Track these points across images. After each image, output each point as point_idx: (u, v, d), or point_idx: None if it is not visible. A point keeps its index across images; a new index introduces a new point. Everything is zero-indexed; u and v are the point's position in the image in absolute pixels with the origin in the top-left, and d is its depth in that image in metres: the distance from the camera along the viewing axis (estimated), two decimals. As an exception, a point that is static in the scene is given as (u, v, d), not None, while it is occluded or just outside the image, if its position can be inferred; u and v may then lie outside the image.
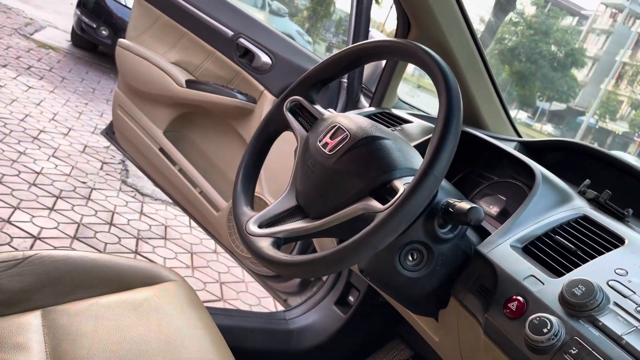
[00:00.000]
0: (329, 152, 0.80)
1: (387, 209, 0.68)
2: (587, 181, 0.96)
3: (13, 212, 2.11)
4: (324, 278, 1.54)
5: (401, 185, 0.73)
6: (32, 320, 0.85)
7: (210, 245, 2.55)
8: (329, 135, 0.82)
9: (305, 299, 1.54)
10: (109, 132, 2.04)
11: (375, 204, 0.72)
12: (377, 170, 0.76)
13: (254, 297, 2.25)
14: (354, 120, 0.83)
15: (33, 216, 2.14)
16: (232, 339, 1.00)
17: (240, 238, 0.82)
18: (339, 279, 1.48)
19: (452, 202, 0.76)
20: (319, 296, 1.50)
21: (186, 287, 1.02)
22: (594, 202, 0.92)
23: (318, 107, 0.90)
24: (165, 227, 2.54)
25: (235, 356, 0.91)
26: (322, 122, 0.86)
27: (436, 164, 0.67)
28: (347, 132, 0.80)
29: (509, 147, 1.05)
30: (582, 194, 0.95)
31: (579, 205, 0.88)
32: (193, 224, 2.62)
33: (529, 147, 1.19)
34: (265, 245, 0.78)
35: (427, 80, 1.16)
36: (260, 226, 0.82)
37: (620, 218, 0.88)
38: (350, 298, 1.46)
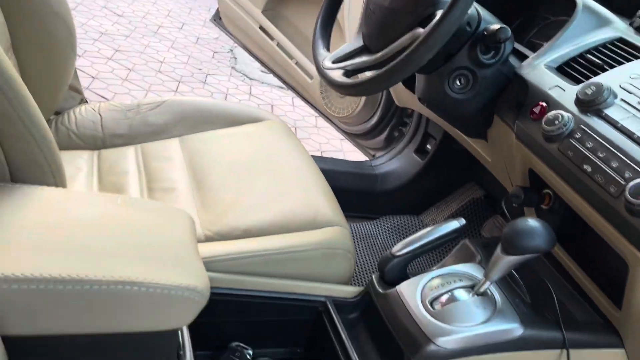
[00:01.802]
0: (385, -7, 0.96)
1: (426, 31, 0.85)
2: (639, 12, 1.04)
3: (146, 94, 2.50)
4: (407, 133, 1.73)
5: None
6: (173, 144, 1.15)
7: (311, 121, 2.83)
8: (385, -21, 0.98)
9: (389, 151, 1.76)
10: (216, 18, 2.30)
11: (420, 30, 0.90)
12: (424, 5, 0.92)
13: (351, 163, 2.52)
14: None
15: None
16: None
17: (318, 72, 1.04)
18: (418, 129, 1.67)
19: (488, 27, 0.91)
20: (400, 146, 1.71)
21: (284, 125, 1.27)
22: (638, 30, 1.01)
23: None
24: (272, 105, 2.83)
25: None
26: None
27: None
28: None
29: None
30: (631, 24, 1.03)
31: (619, 29, 0.98)
32: (296, 102, 2.89)
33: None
34: (337, 74, 1.00)
35: None
36: (333, 62, 1.03)
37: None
38: (428, 146, 1.66)
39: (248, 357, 0.83)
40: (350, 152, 2.66)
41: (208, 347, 0.82)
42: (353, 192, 1.65)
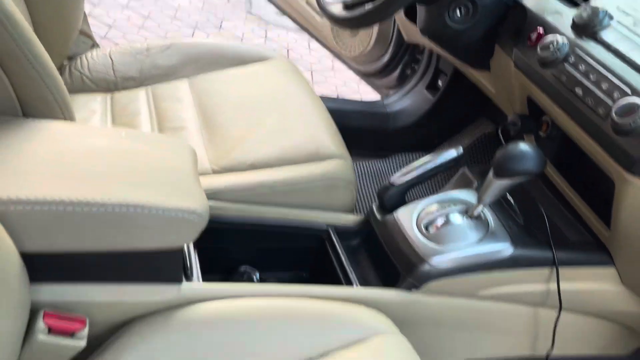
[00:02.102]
0: None
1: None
2: None
3: (162, 41, 2.53)
4: (419, 70, 1.73)
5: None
6: (182, 85, 1.19)
7: (327, 63, 2.82)
8: None
9: (401, 89, 1.76)
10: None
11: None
12: None
13: (367, 104, 2.53)
14: None
15: (178, 44, 2.55)
16: (334, 118, 1.25)
17: (318, 6, 1.05)
18: (429, 66, 1.66)
19: None
20: (412, 83, 1.71)
21: (291, 64, 1.29)
22: None
23: None
24: (287, 49, 2.83)
25: None
26: None
27: None
28: None
29: None
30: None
31: None
32: (312, 45, 2.87)
33: None
34: (336, 9, 1.01)
35: None
36: (333, -2, 1.04)
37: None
38: (440, 83, 1.65)
39: (255, 279, 0.90)
40: (367, 94, 2.66)
41: (219, 270, 0.88)
42: (365, 130, 1.67)
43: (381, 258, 0.89)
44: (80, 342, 0.61)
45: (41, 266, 0.59)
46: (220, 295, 0.72)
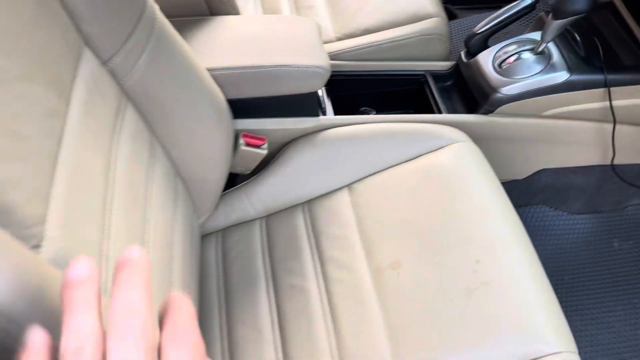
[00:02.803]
0: None
1: None
2: None
3: None
4: None
5: None
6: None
7: None
8: None
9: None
10: None
11: None
12: None
13: None
14: None
15: None
16: None
17: None
18: None
19: None
20: None
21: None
22: None
23: None
24: None
25: None
26: None
27: None
28: None
29: None
30: None
31: None
32: None
33: None
34: None
35: None
36: None
37: None
38: None
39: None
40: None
41: (345, 112, 1.23)
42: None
43: (466, 93, 1.17)
44: (264, 152, 1.02)
45: (238, 108, 0.99)
46: (345, 123, 1.07)
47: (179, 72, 0.83)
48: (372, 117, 1.12)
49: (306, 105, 1.05)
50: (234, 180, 1.12)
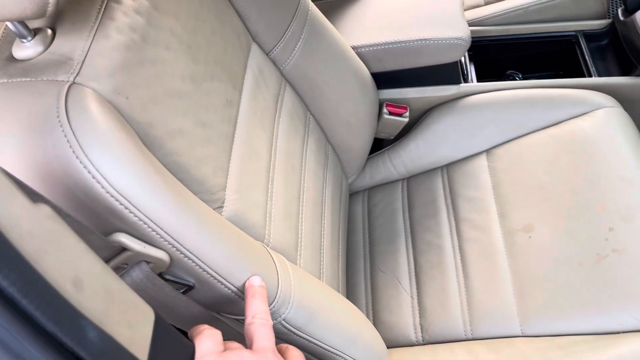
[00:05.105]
0: None
1: None
2: None
3: None
4: None
5: None
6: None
7: None
8: None
9: None
10: None
11: None
12: None
13: None
14: None
15: None
16: None
17: None
18: None
19: None
20: None
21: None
22: None
23: None
24: None
25: None
26: None
27: None
28: None
29: None
30: None
31: None
32: None
33: None
34: None
35: None
36: None
37: None
38: None
39: (518, 79, 1.24)
40: None
41: (491, 76, 1.25)
42: None
43: (621, 54, 1.12)
44: (405, 119, 1.12)
45: (382, 79, 1.10)
46: (486, 90, 1.11)
47: (328, 54, 0.96)
48: (514, 82, 1.13)
49: (447, 73, 1.11)
50: (379, 145, 1.23)
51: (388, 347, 0.96)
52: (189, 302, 0.56)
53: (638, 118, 1.01)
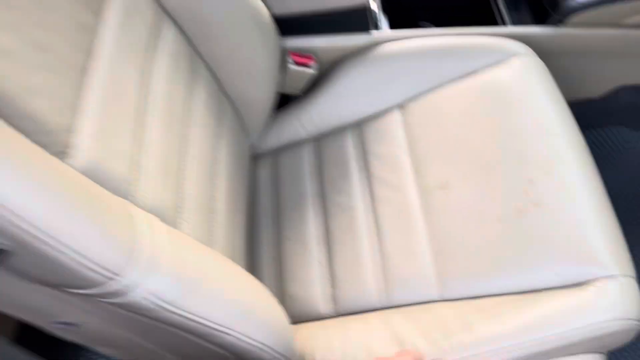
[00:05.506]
0: None
1: None
2: None
3: None
4: None
5: None
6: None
7: None
8: None
9: None
10: None
11: None
12: None
13: None
14: None
15: None
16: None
17: None
18: None
19: None
20: None
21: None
22: None
23: None
24: None
25: None
26: None
27: None
28: None
29: None
30: None
31: None
32: None
33: None
34: None
35: None
36: None
37: None
38: None
39: (431, 31, 1.17)
40: None
41: (402, 27, 1.17)
42: None
43: (535, 2, 1.07)
44: (312, 71, 1.00)
45: (285, 25, 0.97)
46: (399, 37, 1.02)
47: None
48: (428, 30, 1.05)
49: (357, 20, 1.00)
50: (288, 102, 1.11)
51: (296, 322, 0.86)
52: (10, 277, 0.42)
53: (552, 69, 0.96)
